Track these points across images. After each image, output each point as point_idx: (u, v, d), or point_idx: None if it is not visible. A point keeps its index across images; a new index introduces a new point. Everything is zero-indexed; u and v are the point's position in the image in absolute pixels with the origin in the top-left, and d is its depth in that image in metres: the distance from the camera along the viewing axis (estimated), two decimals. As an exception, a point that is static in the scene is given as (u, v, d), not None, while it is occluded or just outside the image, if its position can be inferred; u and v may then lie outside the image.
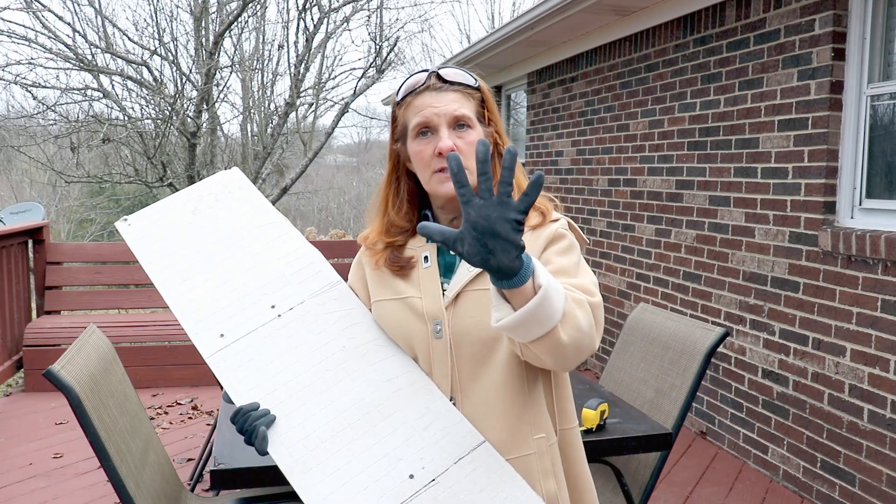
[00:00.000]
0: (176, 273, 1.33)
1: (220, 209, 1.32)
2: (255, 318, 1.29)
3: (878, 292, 2.88)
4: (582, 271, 1.28)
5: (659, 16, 4.28)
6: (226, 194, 1.31)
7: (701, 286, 4.03)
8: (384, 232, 1.37)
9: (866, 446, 2.95)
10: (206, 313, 1.31)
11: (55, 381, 1.60)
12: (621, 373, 2.63)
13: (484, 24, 18.93)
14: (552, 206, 1.36)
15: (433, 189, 1.31)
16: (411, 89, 1.33)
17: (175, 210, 1.34)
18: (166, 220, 1.34)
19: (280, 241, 1.30)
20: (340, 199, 21.12)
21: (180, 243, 1.33)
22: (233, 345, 1.28)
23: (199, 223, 1.33)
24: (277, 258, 1.30)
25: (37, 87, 9.05)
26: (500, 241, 0.98)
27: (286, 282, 1.29)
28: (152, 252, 1.34)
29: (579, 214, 5.51)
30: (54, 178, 12.16)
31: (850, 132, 3.12)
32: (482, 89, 1.35)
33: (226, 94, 26.88)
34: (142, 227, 1.35)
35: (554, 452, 1.32)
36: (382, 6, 10.28)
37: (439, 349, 1.29)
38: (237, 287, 1.31)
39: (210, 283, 1.32)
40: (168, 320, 5.13)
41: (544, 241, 1.29)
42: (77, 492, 3.32)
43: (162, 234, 1.34)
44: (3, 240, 4.87)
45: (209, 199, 1.30)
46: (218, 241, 1.32)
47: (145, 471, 1.89)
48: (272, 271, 1.30)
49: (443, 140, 1.27)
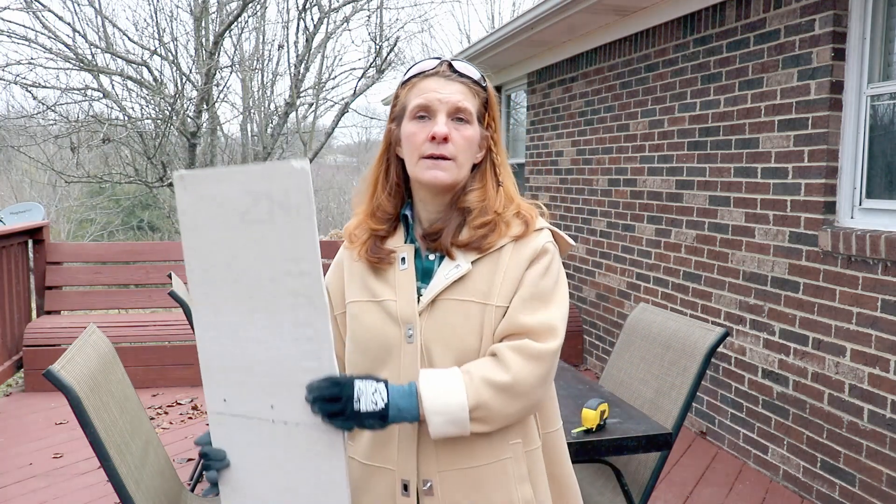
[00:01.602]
0: (210, 289, 1.24)
1: (269, 230, 1.15)
2: (253, 406, 1.24)
3: (878, 292, 2.88)
4: (556, 298, 1.28)
5: (659, 16, 4.28)
6: (281, 211, 1.13)
7: (701, 286, 4.03)
8: (371, 215, 1.35)
9: (866, 446, 2.95)
10: (218, 365, 1.26)
11: (55, 381, 1.60)
12: (621, 373, 2.63)
13: (484, 24, 18.94)
14: (538, 213, 1.34)
15: (416, 174, 1.28)
16: (420, 71, 1.31)
17: (229, 199, 1.17)
18: (217, 208, 1.19)
19: (303, 311, 1.16)
20: (340, 199, 21.13)
21: (221, 253, 1.21)
22: (230, 418, 1.27)
23: (244, 238, 1.18)
24: (294, 337, 1.18)
25: (37, 87, 9.05)
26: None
27: (291, 380, 1.19)
28: (196, 244, 1.23)
29: (579, 214, 5.51)
30: (54, 178, 12.17)
31: (850, 132, 3.12)
32: (489, 91, 1.34)
33: (226, 94, 26.90)
34: (195, 197, 1.21)
35: (532, 457, 1.31)
36: (382, 6, 10.29)
37: (410, 353, 1.27)
38: (250, 353, 1.22)
39: (229, 331, 1.24)
40: (168, 320, 5.13)
41: (528, 257, 1.27)
42: (77, 492, 3.32)
43: (209, 225, 1.21)
44: (3, 240, 4.87)
45: (265, 205, 1.14)
46: (252, 280, 1.20)
47: (145, 471, 1.89)
48: (283, 354, 1.19)
49: (439, 125, 1.25)
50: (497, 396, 1.20)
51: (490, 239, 1.27)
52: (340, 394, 1.14)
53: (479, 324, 1.25)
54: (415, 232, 1.35)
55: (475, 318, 1.25)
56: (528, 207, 1.33)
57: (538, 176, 6.22)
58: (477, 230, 1.27)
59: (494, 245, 1.28)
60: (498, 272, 1.27)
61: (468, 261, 1.27)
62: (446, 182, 1.27)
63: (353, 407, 1.14)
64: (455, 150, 1.26)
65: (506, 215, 1.29)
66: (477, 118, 1.31)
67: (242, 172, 1.17)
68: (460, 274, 1.26)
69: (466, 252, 1.28)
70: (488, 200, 1.30)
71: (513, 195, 1.33)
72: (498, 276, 1.26)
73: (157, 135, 9.66)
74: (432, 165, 1.26)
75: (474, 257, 1.28)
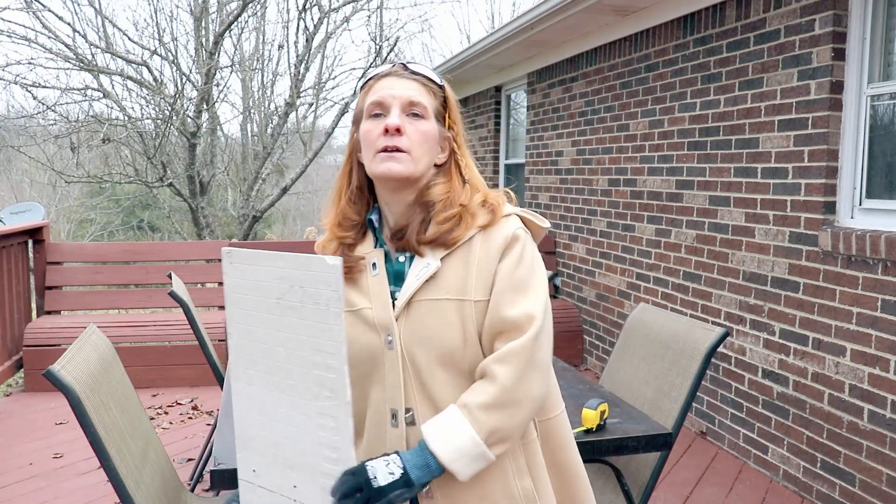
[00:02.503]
0: (245, 362, 1.27)
1: (300, 318, 1.18)
2: (279, 482, 1.27)
3: (878, 292, 2.88)
4: (534, 285, 1.26)
5: (659, 16, 4.28)
6: (312, 302, 1.16)
7: (701, 286, 4.03)
8: (337, 224, 1.34)
9: (866, 446, 2.95)
10: (250, 434, 1.29)
11: (55, 381, 1.60)
12: (621, 373, 2.63)
13: (484, 24, 18.93)
14: (504, 200, 1.32)
15: (372, 169, 1.27)
16: (375, 74, 1.33)
17: (268, 281, 1.21)
18: (257, 288, 1.23)
19: (327, 402, 1.17)
20: (340, 200, 21.07)
21: (258, 330, 1.25)
22: (258, 488, 1.29)
23: (278, 322, 1.21)
24: (318, 424, 1.19)
25: (37, 87, 9.05)
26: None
27: (312, 464, 1.21)
28: (237, 317, 1.28)
29: (579, 214, 5.51)
30: (54, 178, 12.16)
31: (850, 132, 3.12)
32: (447, 92, 1.34)
33: (226, 94, 26.87)
34: (239, 274, 1.26)
35: (530, 449, 1.30)
36: (382, 6, 10.28)
37: (391, 359, 1.26)
38: (277, 430, 1.25)
39: (260, 404, 1.26)
40: (168, 320, 5.13)
41: (499, 247, 1.26)
42: (77, 492, 3.32)
43: (249, 302, 1.25)
44: (3, 240, 4.87)
45: (297, 294, 1.17)
46: (282, 362, 1.22)
47: (145, 471, 1.89)
48: (307, 437, 1.21)
49: (391, 118, 1.25)
50: (499, 414, 1.19)
51: (456, 233, 1.26)
52: (358, 483, 1.16)
53: (457, 320, 1.24)
54: (382, 235, 1.34)
55: (452, 315, 1.24)
56: (494, 195, 1.31)
57: (538, 176, 6.22)
58: (442, 225, 1.26)
59: (461, 238, 1.26)
60: (469, 265, 1.25)
61: (437, 258, 1.26)
62: (401, 174, 1.25)
63: (373, 486, 1.16)
64: (409, 143, 1.26)
65: (471, 206, 1.28)
66: (435, 117, 1.30)
67: (282, 258, 1.20)
68: (431, 272, 1.25)
69: (434, 249, 1.27)
70: (453, 193, 1.29)
71: (478, 187, 1.32)
72: (470, 269, 1.25)
73: (157, 135, 9.65)
74: (386, 158, 1.25)
75: (443, 253, 1.26)
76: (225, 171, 11.62)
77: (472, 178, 1.33)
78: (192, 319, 3.06)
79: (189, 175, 9.93)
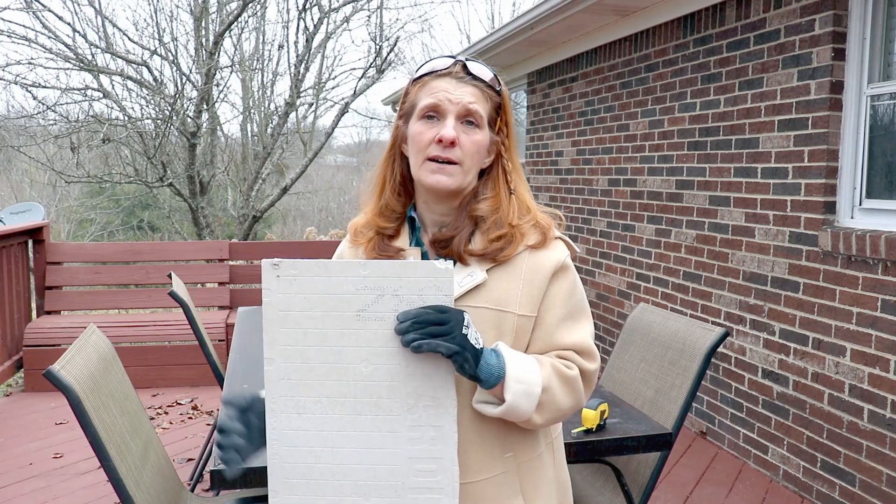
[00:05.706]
0: (293, 388, 1.12)
1: (392, 326, 1.07)
2: None
3: (878, 292, 2.88)
4: (586, 313, 1.30)
5: (659, 16, 4.28)
6: (409, 306, 1.08)
7: (701, 286, 4.03)
8: (379, 214, 1.32)
9: (866, 446, 2.95)
10: (299, 473, 1.15)
11: (55, 381, 1.60)
12: (621, 373, 2.63)
13: (484, 24, 18.92)
14: (555, 224, 1.30)
15: (420, 176, 1.25)
16: (432, 70, 1.28)
17: (339, 293, 1.09)
18: (320, 302, 1.10)
19: (426, 412, 1.08)
20: (340, 199, 21.14)
21: (318, 349, 1.10)
22: None
23: (355, 336, 1.08)
24: (409, 438, 1.10)
25: (37, 87, 9.06)
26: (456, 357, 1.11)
27: (397, 484, 1.12)
28: (282, 337, 1.12)
29: (579, 214, 5.51)
30: (54, 178, 12.16)
31: (850, 132, 3.12)
32: (503, 95, 1.31)
33: (226, 94, 26.87)
34: (290, 287, 1.11)
35: (526, 469, 1.29)
36: (382, 6, 10.29)
37: None
38: (345, 459, 1.13)
39: (317, 434, 1.13)
40: (168, 320, 5.13)
41: (550, 269, 1.25)
42: (77, 492, 3.32)
43: (305, 319, 1.10)
44: (3, 240, 4.87)
45: (390, 301, 1.08)
46: (359, 381, 1.10)
47: (145, 471, 1.89)
48: (394, 454, 1.12)
49: (447, 128, 1.21)
50: (562, 387, 1.21)
51: (507, 251, 1.24)
52: (449, 318, 1.11)
53: (492, 329, 1.22)
54: (420, 235, 1.31)
55: (488, 325, 1.22)
56: (544, 218, 1.29)
57: (538, 176, 6.23)
58: (492, 243, 1.24)
59: (511, 256, 1.25)
60: (515, 279, 1.24)
61: (483, 269, 1.24)
62: (450, 188, 1.23)
63: (461, 330, 1.11)
64: (462, 154, 1.23)
65: (522, 226, 1.26)
66: (488, 122, 1.27)
67: (365, 266, 1.12)
68: (475, 283, 1.23)
69: (481, 261, 1.25)
70: (501, 210, 1.26)
71: (529, 204, 1.30)
72: (515, 283, 1.24)
73: (157, 135, 9.66)
74: (437, 170, 1.22)
75: (489, 265, 1.25)
76: (225, 171, 11.63)
77: (519, 186, 1.30)
78: (192, 319, 3.06)
79: (189, 175, 9.94)
